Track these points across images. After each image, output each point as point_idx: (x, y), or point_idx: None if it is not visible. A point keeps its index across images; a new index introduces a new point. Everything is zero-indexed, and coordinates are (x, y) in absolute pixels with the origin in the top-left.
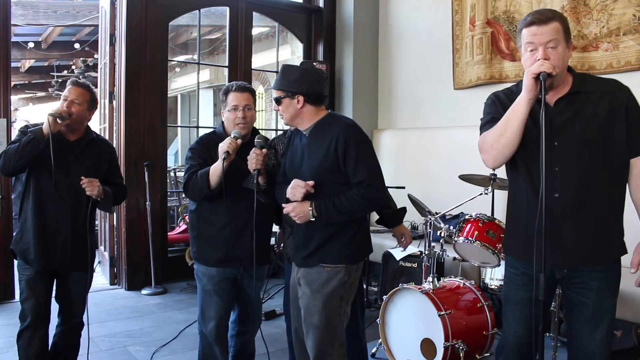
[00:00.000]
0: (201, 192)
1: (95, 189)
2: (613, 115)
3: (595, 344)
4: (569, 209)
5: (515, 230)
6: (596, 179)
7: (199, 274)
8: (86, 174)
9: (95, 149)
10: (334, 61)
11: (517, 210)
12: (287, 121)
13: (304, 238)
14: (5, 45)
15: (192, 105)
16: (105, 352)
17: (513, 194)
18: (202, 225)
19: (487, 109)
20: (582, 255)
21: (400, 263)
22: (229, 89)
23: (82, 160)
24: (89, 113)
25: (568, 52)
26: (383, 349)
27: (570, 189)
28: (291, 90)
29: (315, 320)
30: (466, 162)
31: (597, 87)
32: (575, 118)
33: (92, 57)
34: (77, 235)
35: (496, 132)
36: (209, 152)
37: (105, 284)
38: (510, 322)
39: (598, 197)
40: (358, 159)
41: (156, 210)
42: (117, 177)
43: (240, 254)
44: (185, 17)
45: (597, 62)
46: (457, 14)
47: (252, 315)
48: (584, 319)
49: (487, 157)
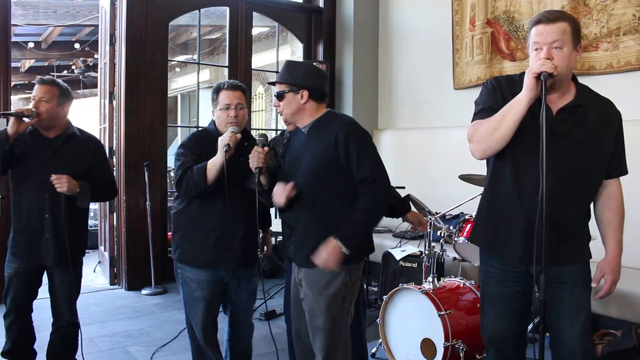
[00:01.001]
0: (197, 188)
1: (65, 185)
2: (606, 136)
3: (575, 337)
4: (546, 214)
5: (486, 221)
6: (579, 189)
7: (186, 280)
8: (65, 170)
9: (76, 144)
10: (334, 61)
11: (494, 200)
12: (287, 117)
13: (304, 238)
14: (5, 45)
15: (192, 105)
16: (105, 352)
17: (493, 183)
18: (191, 226)
19: (485, 95)
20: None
21: (400, 263)
22: (220, 87)
23: (62, 155)
24: (62, 108)
25: (575, 55)
26: (383, 349)
27: (554, 194)
28: (296, 84)
29: (320, 322)
30: (466, 162)
31: (597, 104)
32: (574, 130)
33: (92, 57)
34: (58, 232)
35: (491, 125)
36: (202, 149)
37: (105, 284)
38: (492, 318)
39: (577, 205)
40: (360, 154)
41: (156, 210)
42: (103, 172)
43: (231, 254)
44: (185, 17)
45: (597, 62)
46: (457, 14)
47: (244, 319)
48: (562, 312)
49: (476, 148)
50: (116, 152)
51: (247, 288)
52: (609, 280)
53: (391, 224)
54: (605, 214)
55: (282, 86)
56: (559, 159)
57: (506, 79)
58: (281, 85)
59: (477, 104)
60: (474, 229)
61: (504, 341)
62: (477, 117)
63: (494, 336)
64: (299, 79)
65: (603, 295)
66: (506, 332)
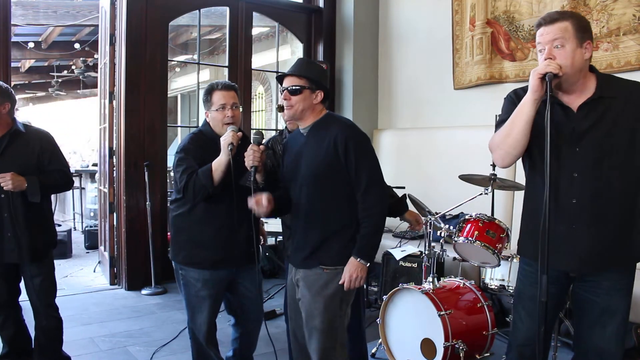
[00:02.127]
0: (204, 190)
1: (9, 183)
2: (638, 122)
3: (605, 340)
4: (586, 216)
5: (529, 232)
6: (616, 187)
7: (190, 280)
8: (14, 168)
9: (22, 140)
10: (334, 61)
11: (534, 212)
12: (295, 114)
13: (303, 239)
14: (5, 45)
15: (192, 105)
16: (105, 352)
17: (529, 194)
18: (196, 228)
19: (504, 108)
20: (598, 261)
21: (400, 263)
22: (213, 87)
23: (9, 154)
24: (3, 107)
25: (581, 51)
26: (383, 349)
27: (587, 195)
28: (316, 83)
29: (317, 323)
30: (466, 162)
31: (623, 91)
32: (598, 124)
33: (92, 57)
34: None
35: (503, 132)
36: (203, 153)
37: (105, 284)
38: (522, 317)
39: (618, 204)
40: (358, 158)
41: (156, 210)
42: (54, 164)
43: (236, 253)
44: (185, 17)
45: (597, 62)
46: (457, 14)
47: (252, 315)
48: (594, 317)
49: (496, 157)
50: (116, 152)
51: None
52: None
53: (391, 224)
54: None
55: (302, 81)
56: (587, 155)
57: (525, 90)
58: (300, 80)
59: (498, 116)
60: (520, 241)
61: (529, 343)
62: (497, 129)
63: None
64: (318, 78)
65: None
66: (533, 333)
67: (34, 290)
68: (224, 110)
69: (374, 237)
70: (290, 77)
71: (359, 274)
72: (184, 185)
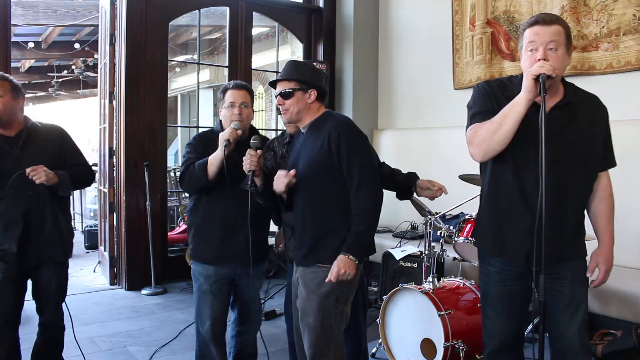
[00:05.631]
0: (198, 183)
1: (42, 175)
2: (596, 130)
3: (574, 331)
4: (551, 211)
5: (490, 226)
6: (576, 186)
7: (196, 274)
8: (38, 163)
9: (40, 135)
10: (334, 61)
11: (497, 205)
12: (291, 117)
13: (301, 236)
14: (5, 45)
15: (192, 105)
16: (105, 352)
17: (493, 188)
18: (199, 222)
19: (480, 99)
20: (561, 253)
21: (400, 263)
22: (227, 87)
23: (31, 149)
24: (17, 102)
25: (567, 58)
26: (383, 349)
27: (553, 192)
28: (306, 83)
29: (310, 320)
30: (466, 162)
31: (585, 100)
32: (567, 128)
33: (92, 57)
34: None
35: (490, 128)
36: (205, 148)
37: (105, 284)
38: (492, 318)
39: (575, 202)
40: (350, 155)
41: (156, 210)
42: (75, 158)
43: (236, 252)
44: (185, 17)
45: (597, 62)
46: (457, 14)
47: (251, 315)
48: (562, 307)
49: (477, 151)
50: (116, 152)
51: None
52: (603, 269)
53: (391, 224)
54: (596, 205)
55: (291, 84)
56: (557, 156)
57: (497, 83)
58: (290, 83)
59: (470, 107)
60: (475, 234)
61: (503, 341)
62: (475, 121)
63: (493, 335)
64: (308, 77)
65: (598, 284)
66: (506, 332)
67: (50, 294)
68: (232, 108)
69: (365, 234)
70: (281, 82)
71: (347, 270)
72: (181, 175)
